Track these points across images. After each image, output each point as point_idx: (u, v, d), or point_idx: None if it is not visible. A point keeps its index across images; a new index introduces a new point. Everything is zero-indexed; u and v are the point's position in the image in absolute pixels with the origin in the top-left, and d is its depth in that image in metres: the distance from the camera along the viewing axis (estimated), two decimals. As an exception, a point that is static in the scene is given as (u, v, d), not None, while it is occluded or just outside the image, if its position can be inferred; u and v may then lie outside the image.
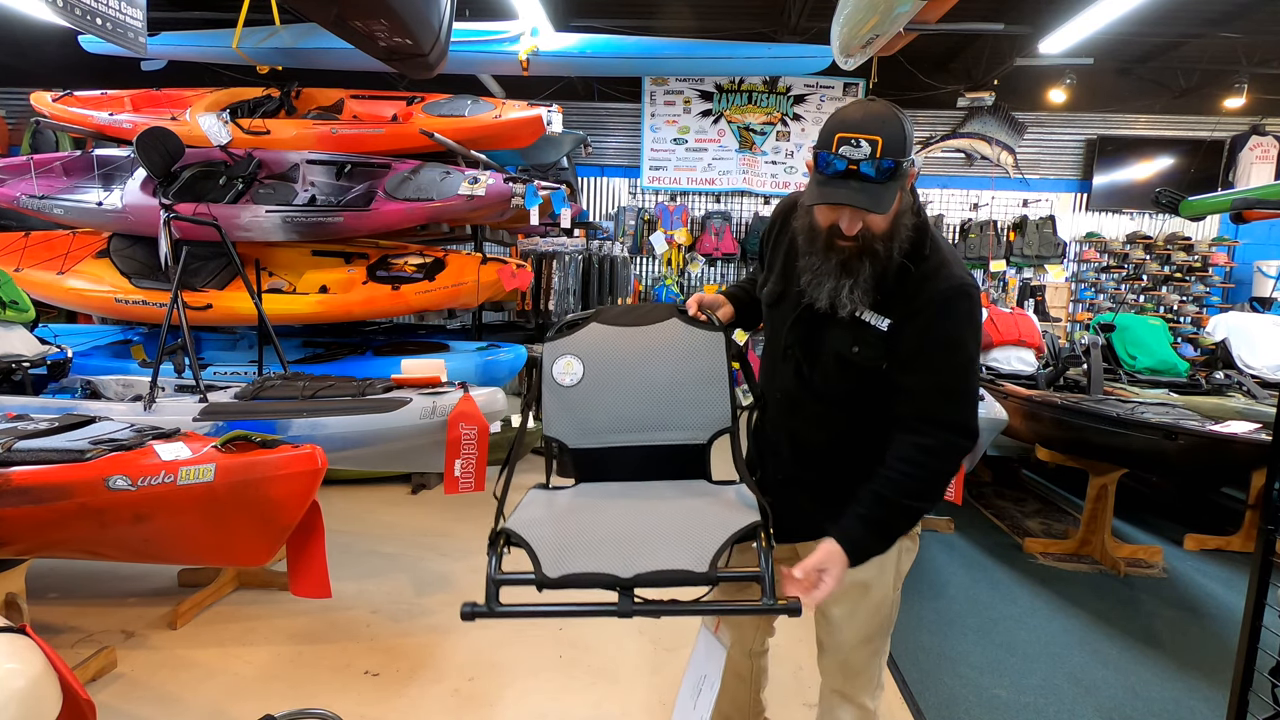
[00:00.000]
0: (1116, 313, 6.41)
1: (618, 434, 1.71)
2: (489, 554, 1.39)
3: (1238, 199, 4.80)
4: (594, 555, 1.35)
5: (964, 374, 1.45)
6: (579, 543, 1.40)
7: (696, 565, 1.31)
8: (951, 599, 3.46)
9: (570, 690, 2.62)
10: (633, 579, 1.30)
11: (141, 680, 2.59)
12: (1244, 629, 1.78)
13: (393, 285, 4.64)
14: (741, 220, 8.47)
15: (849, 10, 3.87)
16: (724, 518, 1.46)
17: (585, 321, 1.77)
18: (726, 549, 1.35)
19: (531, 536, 1.40)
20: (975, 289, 1.46)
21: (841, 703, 1.65)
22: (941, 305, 1.42)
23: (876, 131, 1.33)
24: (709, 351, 1.72)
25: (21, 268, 4.75)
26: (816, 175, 1.39)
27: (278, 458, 2.23)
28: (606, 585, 1.31)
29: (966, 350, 1.44)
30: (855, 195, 1.35)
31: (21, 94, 8.14)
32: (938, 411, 1.43)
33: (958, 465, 1.46)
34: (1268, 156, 8.02)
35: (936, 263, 1.45)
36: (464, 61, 5.07)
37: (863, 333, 1.47)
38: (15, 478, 2.11)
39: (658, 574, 1.30)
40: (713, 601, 1.36)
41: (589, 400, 1.71)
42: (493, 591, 1.34)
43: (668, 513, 1.52)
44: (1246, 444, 3.08)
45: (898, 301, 1.44)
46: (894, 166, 1.33)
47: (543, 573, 1.33)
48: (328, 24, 3.19)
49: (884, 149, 1.32)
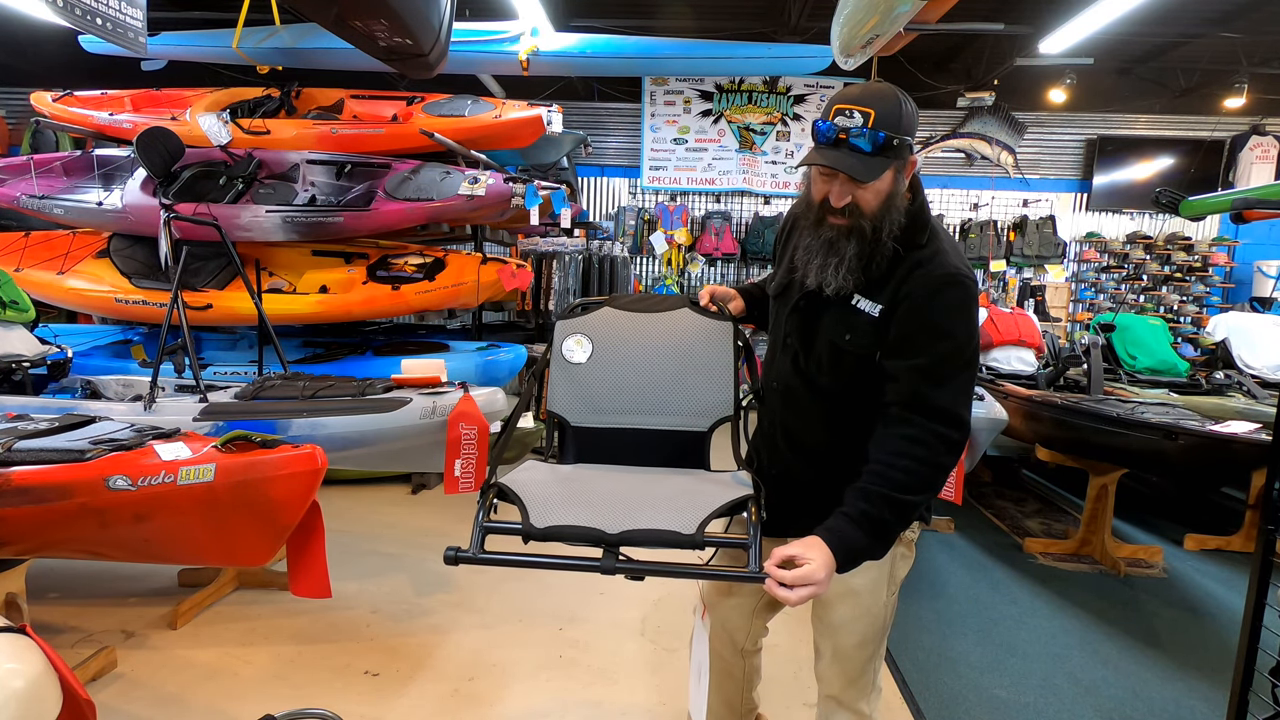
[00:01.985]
0: (1116, 313, 6.41)
1: (621, 415, 1.74)
2: (479, 503, 1.42)
3: (1238, 199, 4.79)
4: (582, 513, 1.37)
5: (951, 361, 1.40)
6: (569, 502, 1.42)
7: (684, 529, 1.32)
8: (951, 599, 3.46)
9: (570, 690, 2.62)
10: (618, 536, 1.32)
11: (141, 680, 2.59)
12: (1244, 629, 1.78)
13: (393, 285, 4.64)
14: (741, 220, 8.47)
15: (849, 10, 3.87)
16: (717, 492, 1.48)
17: (598, 305, 1.81)
18: (716, 516, 1.37)
19: (523, 492, 1.43)
20: (970, 280, 1.44)
21: (838, 709, 1.65)
22: (932, 291, 1.41)
23: (871, 105, 1.36)
24: (716, 340, 1.76)
25: (21, 268, 4.75)
26: (814, 146, 1.42)
27: (278, 458, 2.23)
28: (592, 541, 1.33)
29: (955, 338, 1.40)
30: (842, 160, 1.37)
31: (21, 94, 8.15)
32: (923, 399, 1.39)
33: (948, 458, 1.39)
34: (1268, 156, 8.02)
35: (932, 251, 1.44)
36: (464, 61, 5.08)
37: (854, 319, 1.46)
38: (15, 478, 2.11)
39: (644, 533, 1.32)
40: (690, 565, 1.35)
41: (595, 379, 1.74)
42: (478, 538, 1.36)
43: (662, 485, 1.55)
44: (1246, 444, 3.08)
45: (889, 287, 1.43)
46: (885, 139, 1.35)
47: (530, 523, 1.35)
48: (328, 24, 3.19)
49: (876, 120, 1.34)
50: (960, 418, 1.40)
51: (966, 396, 1.43)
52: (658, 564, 1.33)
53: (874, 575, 1.55)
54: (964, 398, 1.42)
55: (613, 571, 1.30)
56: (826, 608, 1.61)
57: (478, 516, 1.39)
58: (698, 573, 1.35)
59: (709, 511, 1.37)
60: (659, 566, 1.33)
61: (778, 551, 1.30)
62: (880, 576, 1.57)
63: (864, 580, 1.54)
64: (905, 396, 1.40)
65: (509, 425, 1.74)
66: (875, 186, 1.40)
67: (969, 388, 1.44)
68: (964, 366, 1.42)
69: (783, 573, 1.26)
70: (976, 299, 1.46)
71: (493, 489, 1.45)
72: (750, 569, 1.32)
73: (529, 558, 1.33)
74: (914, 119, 1.40)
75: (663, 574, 1.33)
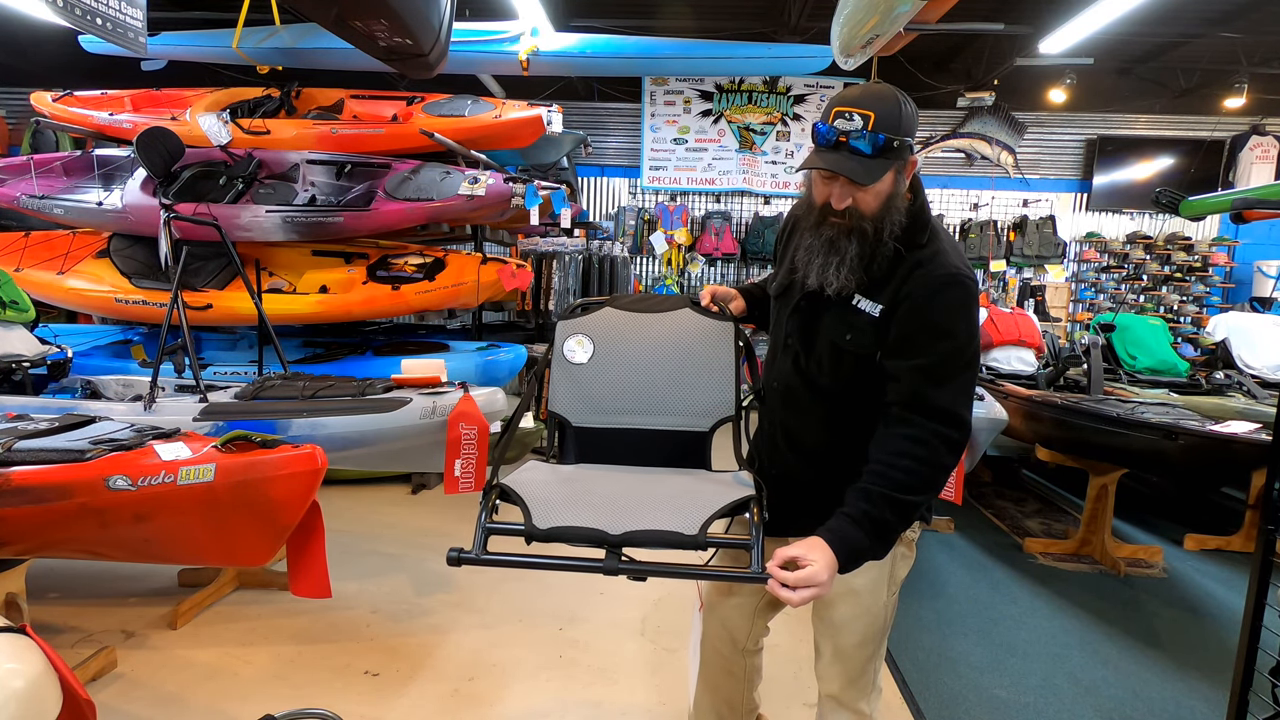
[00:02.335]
0: (1116, 313, 6.41)
1: (621, 415, 1.74)
2: (481, 504, 1.43)
3: (1238, 199, 4.79)
4: (585, 514, 1.37)
5: (951, 361, 1.40)
6: (571, 502, 1.42)
7: (687, 530, 1.32)
8: (951, 599, 3.46)
9: (570, 690, 2.62)
10: (621, 537, 1.31)
11: (141, 680, 2.59)
12: (1244, 629, 1.78)
13: (393, 285, 4.64)
14: (741, 220, 8.47)
15: (849, 10, 3.87)
16: (719, 492, 1.48)
17: (599, 305, 1.81)
18: (718, 517, 1.37)
19: (525, 493, 1.43)
20: (971, 280, 1.43)
21: (838, 708, 1.65)
22: (932, 291, 1.41)
23: (870, 107, 1.36)
24: (717, 340, 1.76)
25: (21, 268, 4.75)
26: (814, 148, 1.42)
27: (278, 458, 2.23)
28: (595, 542, 1.32)
29: (955, 338, 1.40)
30: (842, 163, 1.37)
31: (21, 94, 8.14)
32: (923, 399, 1.39)
33: (949, 458, 1.39)
34: (1268, 156, 8.02)
35: (932, 250, 1.44)
36: (464, 61, 5.07)
37: (855, 319, 1.47)
38: (15, 478, 2.11)
39: (647, 533, 1.32)
40: (693, 566, 1.36)
41: (596, 379, 1.74)
42: (481, 539, 1.37)
43: (663, 485, 1.55)
44: (1246, 444, 3.08)
45: (890, 287, 1.43)
46: (885, 142, 1.35)
47: (533, 524, 1.35)
48: (328, 24, 3.19)
49: (876, 123, 1.34)
50: (961, 418, 1.40)
51: (967, 396, 1.43)
52: (660, 565, 1.33)
53: (874, 575, 1.55)
54: (964, 398, 1.42)
55: (615, 572, 1.30)
56: (827, 607, 1.61)
57: (480, 517, 1.40)
58: (700, 574, 1.35)
59: (711, 512, 1.37)
60: (661, 567, 1.33)
61: (780, 552, 1.30)
62: (881, 576, 1.57)
63: (864, 580, 1.54)
64: (906, 396, 1.40)
65: (511, 426, 1.74)
66: (876, 188, 1.40)
67: (970, 388, 1.44)
68: (965, 366, 1.42)
69: (785, 574, 1.26)
70: (977, 299, 1.46)
71: (495, 490, 1.45)
72: (753, 570, 1.32)
73: (532, 559, 1.33)
74: (914, 120, 1.40)
75: (665, 575, 1.32)
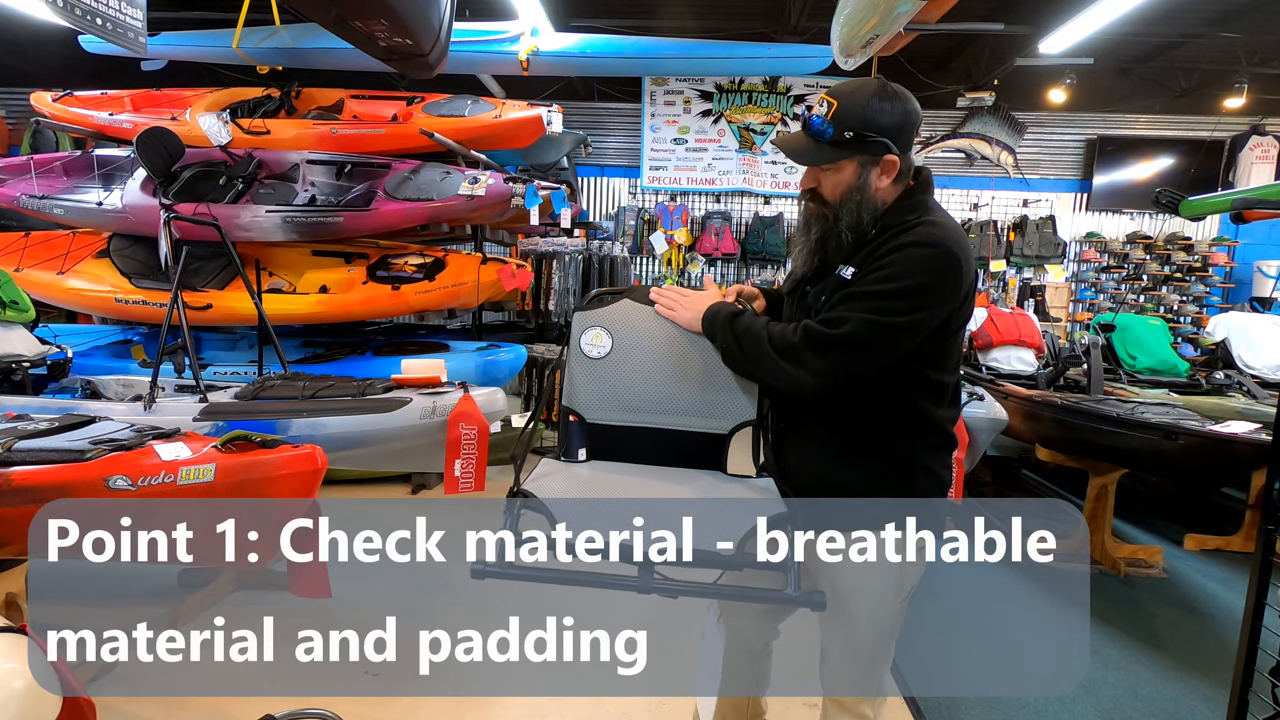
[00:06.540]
0: (1116, 313, 6.41)
1: (639, 414, 1.65)
2: (505, 512, 1.37)
3: (1238, 199, 4.79)
4: (615, 527, 1.31)
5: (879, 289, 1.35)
6: (600, 513, 1.36)
7: (723, 547, 1.28)
8: (952, 599, 3.46)
9: (571, 690, 2.61)
10: (655, 554, 1.27)
11: (141, 680, 2.58)
12: (1244, 629, 1.78)
13: (393, 285, 4.64)
14: (741, 220, 8.46)
15: (849, 10, 3.87)
16: (751, 504, 1.43)
17: (618, 296, 1.72)
18: (755, 534, 1.32)
19: (551, 501, 1.37)
20: (948, 249, 1.37)
21: (840, 712, 1.64)
22: (899, 246, 1.38)
23: (838, 98, 1.39)
24: None
25: (21, 268, 4.74)
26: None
27: (278, 458, 2.23)
28: (626, 558, 1.28)
29: (899, 280, 1.34)
30: (789, 140, 1.44)
31: (21, 94, 8.11)
32: (831, 309, 1.40)
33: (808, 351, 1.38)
34: (1268, 156, 8.01)
35: (920, 223, 1.41)
36: (464, 61, 5.07)
37: (834, 287, 1.46)
38: (15, 478, 2.11)
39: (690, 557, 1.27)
40: (734, 586, 1.33)
41: (614, 375, 1.66)
42: (512, 551, 1.33)
43: (692, 495, 1.49)
44: (1246, 444, 3.08)
45: (864, 251, 1.44)
46: (836, 133, 1.38)
47: (563, 538, 1.30)
48: (328, 24, 3.19)
49: (835, 113, 1.38)
50: (844, 320, 1.36)
51: (874, 321, 1.35)
52: (695, 584, 1.29)
53: (881, 579, 1.54)
54: (871, 318, 1.35)
55: (649, 591, 1.26)
56: (833, 609, 1.59)
57: (506, 526, 1.34)
58: (737, 593, 1.32)
59: (748, 528, 1.31)
60: (695, 588, 1.28)
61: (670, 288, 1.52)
62: (888, 581, 1.56)
63: (872, 583, 1.54)
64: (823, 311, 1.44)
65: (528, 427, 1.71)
66: (835, 177, 1.42)
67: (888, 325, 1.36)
68: (896, 307, 1.35)
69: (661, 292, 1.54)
70: (951, 267, 1.38)
71: (519, 499, 1.39)
72: (789, 591, 1.28)
73: (561, 574, 1.29)
74: (893, 117, 1.38)
75: (698, 595, 1.29)
